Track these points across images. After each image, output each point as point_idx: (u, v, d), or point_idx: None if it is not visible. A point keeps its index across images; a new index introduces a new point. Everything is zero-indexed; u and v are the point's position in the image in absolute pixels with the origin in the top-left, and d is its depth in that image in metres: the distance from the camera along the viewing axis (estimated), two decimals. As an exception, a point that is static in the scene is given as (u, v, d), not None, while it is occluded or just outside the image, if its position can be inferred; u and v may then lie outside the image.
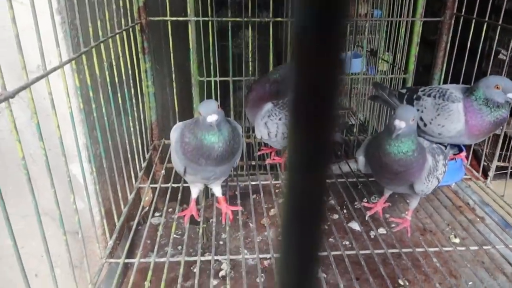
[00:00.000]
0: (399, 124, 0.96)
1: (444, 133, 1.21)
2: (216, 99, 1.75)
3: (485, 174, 1.49)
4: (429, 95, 1.28)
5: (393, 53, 2.30)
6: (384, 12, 2.49)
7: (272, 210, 1.48)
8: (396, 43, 2.19)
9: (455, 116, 1.18)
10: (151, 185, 1.37)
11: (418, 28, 1.68)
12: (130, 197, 1.26)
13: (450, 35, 1.57)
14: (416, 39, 1.70)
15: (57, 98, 0.88)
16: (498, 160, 1.75)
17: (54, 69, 0.79)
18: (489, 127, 1.17)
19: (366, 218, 1.23)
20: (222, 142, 0.99)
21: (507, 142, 2.66)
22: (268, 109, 1.32)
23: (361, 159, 1.13)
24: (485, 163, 2.36)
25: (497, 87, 1.13)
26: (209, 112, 0.97)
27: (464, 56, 1.47)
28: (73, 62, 0.91)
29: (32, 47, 0.82)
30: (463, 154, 1.38)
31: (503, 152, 2.67)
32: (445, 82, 1.61)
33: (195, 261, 1.10)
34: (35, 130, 1.12)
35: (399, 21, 2.06)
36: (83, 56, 0.95)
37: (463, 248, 1.12)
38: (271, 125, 1.31)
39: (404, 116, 0.97)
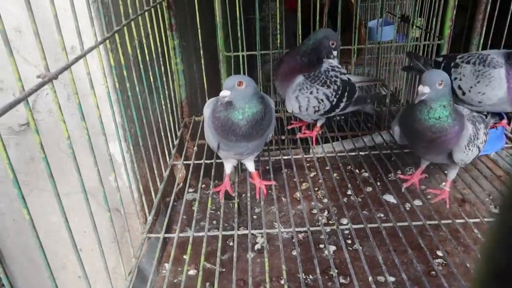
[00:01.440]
0: (422, 89, 0.94)
1: (484, 101, 1.16)
2: (243, 74, 1.74)
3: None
4: (468, 62, 1.22)
5: (427, 18, 2.19)
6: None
7: (304, 184, 1.48)
8: (430, 6, 2.08)
9: (496, 82, 1.13)
10: (184, 162, 1.39)
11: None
12: (165, 174, 1.29)
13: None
14: (453, 1, 1.61)
15: (91, 78, 0.90)
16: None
17: (91, 49, 0.80)
18: None
19: (403, 190, 1.21)
20: (247, 119, 0.99)
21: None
22: (299, 82, 1.30)
23: (396, 129, 1.11)
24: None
25: None
26: (224, 87, 0.97)
27: (506, 19, 1.38)
28: (107, 41, 0.91)
29: (64, 29, 0.83)
30: (505, 121, 1.33)
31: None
32: (484, 47, 1.52)
33: (231, 235, 1.12)
34: (72, 111, 1.15)
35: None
36: (116, 35, 0.96)
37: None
38: (302, 99, 1.29)
39: (428, 81, 0.94)
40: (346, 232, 1.23)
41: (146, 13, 1.20)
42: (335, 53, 1.34)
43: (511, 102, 1.14)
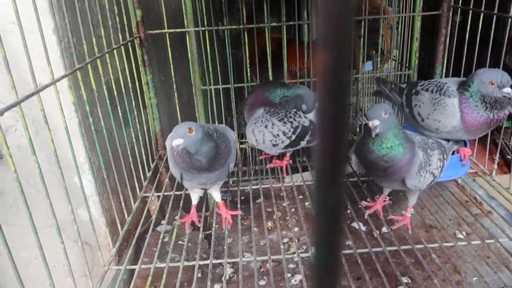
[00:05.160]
0: (373, 123, 0.97)
1: (441, 129, 1.19)
2: (219, 106, 1.79)
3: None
4: (426, 90, 1.26)
5: (400, 51, 2.28)
6: (396, 8, 2.47)
7: (275, 213, 1.48)
8: (402, 40, 2.17)
9: (450, 111, 1.16)
10: (156, 194, 1.41)
11: (417, 23, 1.67)
12: (134, 206, 1.30)
13: (449, 28, 1.54)
14: (416, 34, 1.68)
15: (58, 113, 0.93)
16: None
17: (46, 86, 0.84)
18: (486, 123, 1.14)
19: (365, 217, 1.22)
20: (203, 156, 1.02)
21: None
22: (257, 115, 1.33)
23: (353, 158, 1.13)
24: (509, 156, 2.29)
25: (492, 83, 1.11)
26: (175, 136, 1.00)
27: (479, 47, 1.39)
28: (67, 78, 0.95)
29: (33, 66, 0.87)
30: (467, 149, 1.35)
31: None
32: (457, 75, 1.53)
33: (198, 266, 1.12)
34: (41, 146, 1.18)
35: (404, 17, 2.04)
36: (78, 72, 1.00)
37: (468, 244, 1.10)
38: (257, 132, 1.31)
39: (374, 115, 0.97)
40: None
41: (116, 50, 1.25)
42: (304, 107, 1.37)
43: (465, 130, 1.17)
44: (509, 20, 1.28)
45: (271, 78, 1.66)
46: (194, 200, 1.23)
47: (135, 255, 1.22)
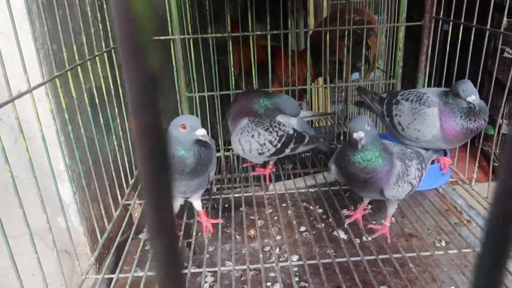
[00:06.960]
0: (358, 135, 0.97)
1: (420, 138, 1.21)
2: (204, 113, 1.79)
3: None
4: (406, 100, 1.28)
5: (385, 59, 2.30)
6: (380, 17, 2.49)
7: (257, 222, 1.48)
8: (388, 49, 2.19)
9: (430, 120, 1.18)
10: (138, 201, 1.40)
11: (401, 33, 1.69)
12: (115, 214, 1.29)
13: (431, 38, 1.56)
14: (400, 44, 1.70)
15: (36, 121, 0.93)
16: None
17: (21, 94, 0.83)
18: (462, 132, 1.16)
19: (345, 226, 1.23)
20: (192, 156, 1.02)
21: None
22: (242, 125, 1.34)
23: (333, 168, 1.14)
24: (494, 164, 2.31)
25: (457, 95, 1.14)
26: (197, 126, 0.99)
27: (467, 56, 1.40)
28: (45, 86, 0.95)
29: (12, 73, 0.86)
30: (447, 158, 1.37)
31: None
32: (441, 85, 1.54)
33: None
34: (20, 153, 1.17)
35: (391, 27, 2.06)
36: (57, 80, 0.99)
37: (448, 253, 1.11)
38: (243, 142, 1.32)
39: (358, 126, 0.97)
40: (294, 269, 1.23)
41: (99, 57, 1.25)
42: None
43: (444, 139, 1.18)
44: (487, 32, 1.31)
45: (256, 87, 1.67)
46: (175, 208, 1.23)
47: (116, 263, 1.21)
